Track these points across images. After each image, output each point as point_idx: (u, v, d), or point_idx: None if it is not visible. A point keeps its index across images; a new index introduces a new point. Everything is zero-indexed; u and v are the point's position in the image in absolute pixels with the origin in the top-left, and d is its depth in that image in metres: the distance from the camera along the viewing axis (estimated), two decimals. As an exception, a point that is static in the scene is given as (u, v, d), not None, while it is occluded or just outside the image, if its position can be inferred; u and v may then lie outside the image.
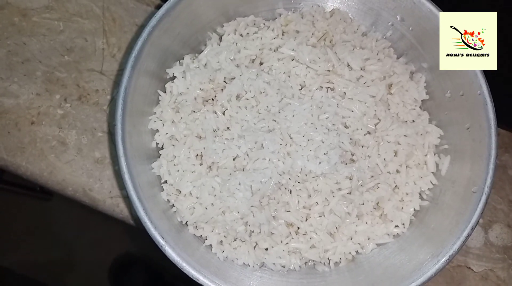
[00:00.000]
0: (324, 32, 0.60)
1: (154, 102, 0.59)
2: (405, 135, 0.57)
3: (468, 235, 0.49)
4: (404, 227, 0.57)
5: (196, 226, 0.55)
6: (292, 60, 0.59)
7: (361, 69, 0.59)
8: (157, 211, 0.52)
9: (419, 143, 0.58)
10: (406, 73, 0.60)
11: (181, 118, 0.58)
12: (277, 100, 0.57)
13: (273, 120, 0.56)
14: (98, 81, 0.69)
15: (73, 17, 0.72)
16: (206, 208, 0.55)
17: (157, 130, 0.58)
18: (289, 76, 0.59)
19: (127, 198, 0.65)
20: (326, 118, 0.56)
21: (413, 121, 0.59)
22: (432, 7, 0.55)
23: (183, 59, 0.61)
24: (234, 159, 0.56)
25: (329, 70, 0.58)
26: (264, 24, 0.63)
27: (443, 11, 0.55)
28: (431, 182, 0.58)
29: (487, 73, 0.54)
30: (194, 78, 0.58)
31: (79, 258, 1.35)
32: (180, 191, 0.56)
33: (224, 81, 0.59)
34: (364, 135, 0.57)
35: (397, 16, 0.59)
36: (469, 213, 0.49)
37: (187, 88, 0.59)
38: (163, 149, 0.58)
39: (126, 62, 0.53)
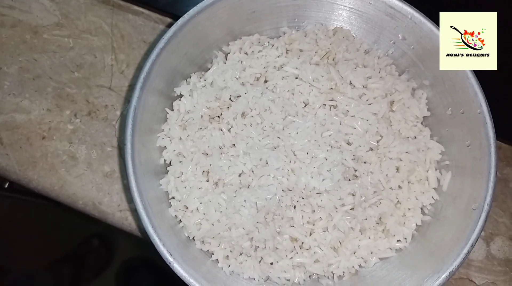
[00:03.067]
0: (327, 50, 0.62)
1: (162, 119, 0.61)
2: (407, 152, 0.58)
3: (468, 252, 0.50)
4: (406, 242, 0.58)
5: (203, 241, 0.57)
6: (296, 78, 0.60)
7: (363, 87, 0.60)
8: (165, 226, 0.54)
9: (420, 159, 0.59)
10: (408, 91, 0.61)
11: (188, 135, 0.60)
12: (281, 118, 0.59)
13: (278, 137, 0.58)
14: (107, 97, 0.71)
15: (82, 34, 0.74)
16: (213, 224, 0.56)
17: (165, 147, 0.60)
18: (293, 94, 0.60)
19: (135, 212, 0.66)
20: (329, 136, 0.57)
21: (415, 137, 0.60)
22: (432, 27, 0.56)
23: (190, 77, 0.63)
24: (239, 176, 0.57)
25: (332, 88, 0.60)
26: (268, 42, 0.64)
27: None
28: (432, 197, 0.59)
29: (496, 87, 0.53)
30: (201, 97, 0.60)
31: (87, 261, 1.37)
32: (187, 207, 0.57)
33: (230, 99, 0.61)
34: (367, 151, 0.58)
35: (399, 35, 0.60)
36: (469, 230, 0.50)
37: (194, 106, 0.60)
38: (171, 165, 0.60)
39: (135, 82, 0.54)
